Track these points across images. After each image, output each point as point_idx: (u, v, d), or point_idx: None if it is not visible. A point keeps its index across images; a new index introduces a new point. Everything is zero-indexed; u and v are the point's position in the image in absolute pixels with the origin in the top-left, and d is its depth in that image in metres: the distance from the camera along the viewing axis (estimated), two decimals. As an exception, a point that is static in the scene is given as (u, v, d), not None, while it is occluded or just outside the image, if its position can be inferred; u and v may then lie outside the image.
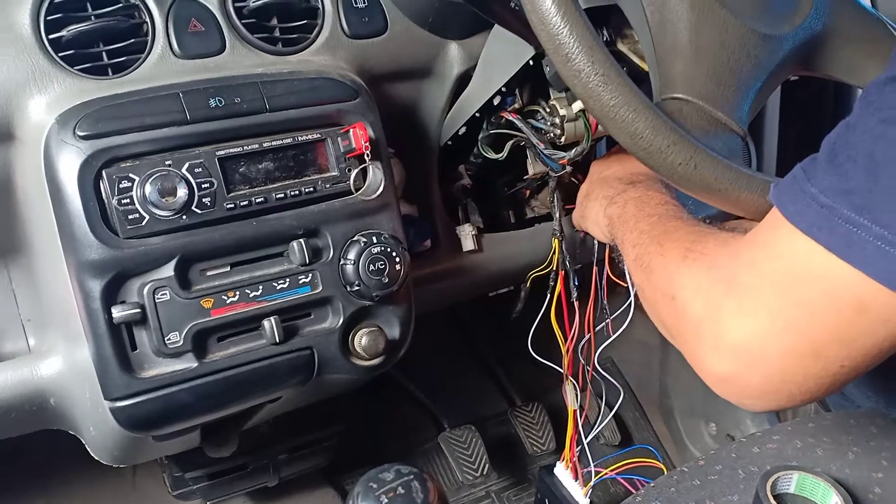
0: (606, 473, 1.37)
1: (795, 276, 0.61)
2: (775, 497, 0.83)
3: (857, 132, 0.59)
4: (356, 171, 0.90)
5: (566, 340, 1.23)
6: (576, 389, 1.30)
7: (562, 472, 1.36)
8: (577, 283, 1.18)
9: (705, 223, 0.80)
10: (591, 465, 1.31)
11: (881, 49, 0.82)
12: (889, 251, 0.55)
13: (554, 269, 1.18)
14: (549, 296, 1.20)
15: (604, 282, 1.16)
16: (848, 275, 0.57)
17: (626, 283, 1.06)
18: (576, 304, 1.19)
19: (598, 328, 1.22)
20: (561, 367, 1.28)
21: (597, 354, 1.24)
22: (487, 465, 1.54)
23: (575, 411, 1.29)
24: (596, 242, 1.18)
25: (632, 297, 1.14)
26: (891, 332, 0.59)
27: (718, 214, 0.84)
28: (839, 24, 0.81)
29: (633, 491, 0.96)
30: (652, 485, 0.94)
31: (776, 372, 0.63)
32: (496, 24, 0.98)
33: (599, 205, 0.99)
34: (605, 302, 1.19)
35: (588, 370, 1.28)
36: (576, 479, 1.34)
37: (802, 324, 0.61)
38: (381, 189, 0.92)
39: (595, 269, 1.17)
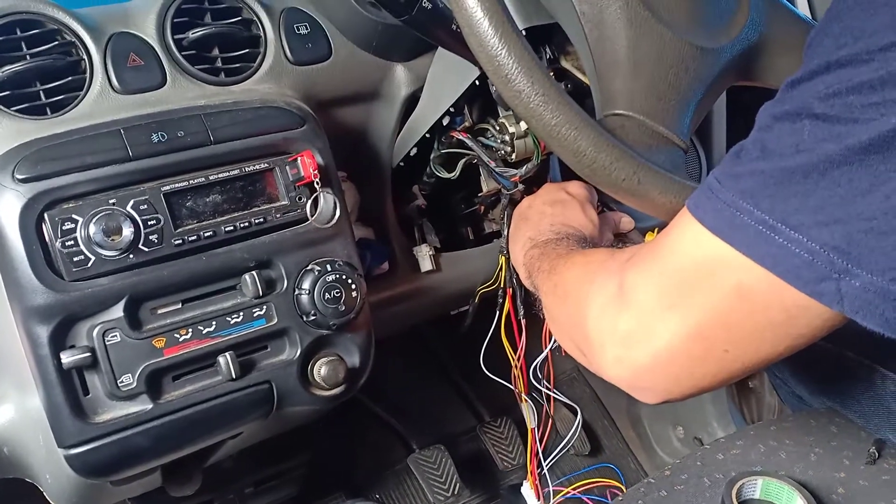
0: (568, 492, 1.37)
1: (684, 257, 0.62)
2: (741, 503, 0.83)
3: (755, 127, 0.61)
4: (307, 199, 0.90)
5: (517, 358, 1.22)
6: (532, 408, 1.29)
7: (527, 491, 1.36)
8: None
9: None
10: (550, 485, 1.31)
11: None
12: (770, 236, 0.56)
13: (501, 286, 1.17)
14: (497, 314, 1.19)
15: None
16: (731, 258, 0.58)
17: None
18: (523, 321, 1.18)
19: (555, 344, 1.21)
20: (515, 385, 1.27)
21: (545, 369, 1.24)
22: (459, 484, 1.53)
23: (533, 430, 1.29)
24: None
25: None
26: (773, 322, 0.60)
27: None
28: (774, 33, 0.82)
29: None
30: (620, 498, 0.94)
31: (662, 352, 0.64)
32: (440, 47, 0.99)
33: (522, 244, 1.00)
34: None
35: (545, 388, 1.27)
36: (538, 498, 1.33)
37: (687, 304, 0.62)
38: (332, 216, 0.91)
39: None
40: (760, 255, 0.57)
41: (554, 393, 1.29)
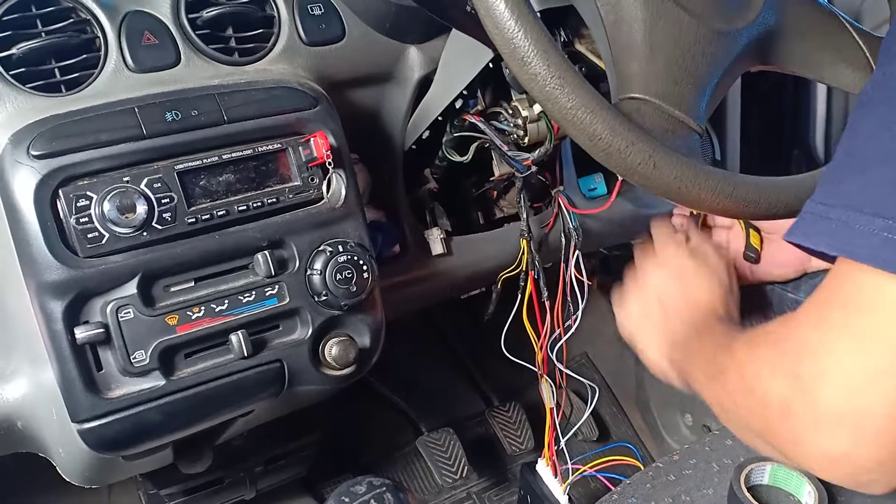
0: (585, 471, 1.38)
1: (862, 309, 0.54)
2: (749, 489, 0.83)
3: (851, 137, 0.57)
4: (319, 180, 0.90)
5: (539, 340, 1.23)
6: (551, 387, 1.31)
7: (543, 469, 1.37)
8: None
9: None
10: (569, 462, 1.32)
11: (834, 41, 0.83)
12: None
13: (523, 269, 1.18)
14: (520, 296, 1.20)
15: (568, 277, 1.17)
16: None
17: (585, 279, 1.10)
18: (546, 303, 1.19)
19: (565, 325, 1.22)
20: (534, 366, 1.28)
21: (557, 350, 1.24)
22: (467, 467, 1.54)
23: (552, 409, 1.30)
24: (563, 241, 1.19)
25: (580, 296, 1.16)
26: None
27: None
28: (792, 17, 0.81)
29: (612, 488, 0.96)
30: (628, 481, 0.95)
31: (885, 429, 0.54)
32: (454, 28, 0.98)
33: (659, 350, 0.93)
34: (569, 298, 1.19)
35: (562, 368, 1.28)
36: (555, 476, 1.35)
37: (894, 362, 0.53)
38: (345, 197, 0.91)
39: (562, 266, 1.18)
40: None
41: (575, 372, 1.30)
